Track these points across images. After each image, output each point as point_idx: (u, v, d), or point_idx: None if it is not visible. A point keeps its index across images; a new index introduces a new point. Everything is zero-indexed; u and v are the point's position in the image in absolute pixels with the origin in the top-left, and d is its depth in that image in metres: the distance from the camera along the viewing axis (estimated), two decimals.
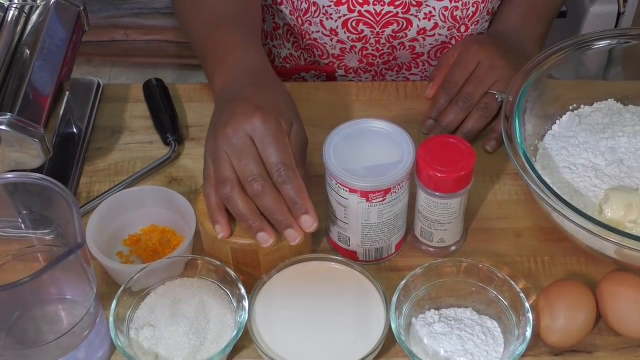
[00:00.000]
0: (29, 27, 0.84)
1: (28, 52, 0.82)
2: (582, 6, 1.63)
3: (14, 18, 0.84)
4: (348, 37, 0.96)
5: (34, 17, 0.84)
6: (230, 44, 0.81)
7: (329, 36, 0.96)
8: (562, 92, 0.87)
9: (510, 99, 0.81)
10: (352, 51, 0.97)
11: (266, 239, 0.71)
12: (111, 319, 0.70)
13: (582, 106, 0.88)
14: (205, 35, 0.84)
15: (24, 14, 0.84)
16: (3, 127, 0.74)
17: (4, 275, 0.70)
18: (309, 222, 0.71)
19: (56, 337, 0.68)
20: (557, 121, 0.87)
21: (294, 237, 0.71)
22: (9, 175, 0.69)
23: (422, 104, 0.94)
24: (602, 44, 0.86)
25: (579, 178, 0.81)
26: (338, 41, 0.97)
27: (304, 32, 0.97)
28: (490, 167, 0.88)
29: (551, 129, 0.87)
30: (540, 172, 0.76)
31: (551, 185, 0.75)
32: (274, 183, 0.71)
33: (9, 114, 0.74)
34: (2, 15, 0.83)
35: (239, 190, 0.71)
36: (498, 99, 0.89)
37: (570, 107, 0.88)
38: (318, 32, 0.96)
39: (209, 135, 0.75)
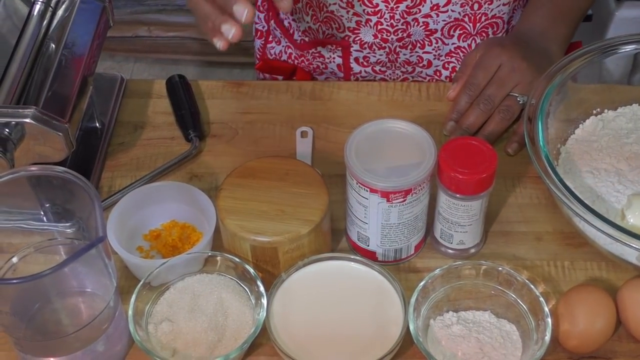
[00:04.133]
0: (55, 22, 0.84)
1: (53, 46, 0.83)
2: (608, 9, 1.62)
3: (40, 12, 0.84)
4: (363, 10, 0.96)
5: (60, 12, 0.85)
6: None
7: (345, 8, 0.97)
8: (585, 96, 0.87)
9: (533, 102, 0.80)
10: (367, 25, 0.98)
11: (228, 28, 0.73)
12: (130, 312, 0.71)
13: (606, 110, 0.87)
14: None
15: (50, 8, 0.85)
16: (28, 120, 0.74)
17: (26, 267, 0.70)
18: (240, 11, 0.72)
19: (75, 329, 0.68)
20: (580, 125, 0.86)
21: (227, 31, 0.73)
22: (33, 168, 0.69)
23: (443, 105, 0.93)
24: (628, 48, 0.86)
25: (602, 183, 0.80)
26: (354, 13, 0.97)
27: (321, 5, 0.98)
28: (511, 169, 0.87)
29: (574, 133, 0.86)
30: (562, 175, 0.75)
31: (573, 190, 0.74)
32: None
33: (34, 107, 0.75)
34: (29, 9, 0.84)
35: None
36: (519, 101, 0.89)
37: (594, 111, 0.87)
38: (335, 3, 0.97)
39: None
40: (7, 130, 0.74)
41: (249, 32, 1.16)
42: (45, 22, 0.84)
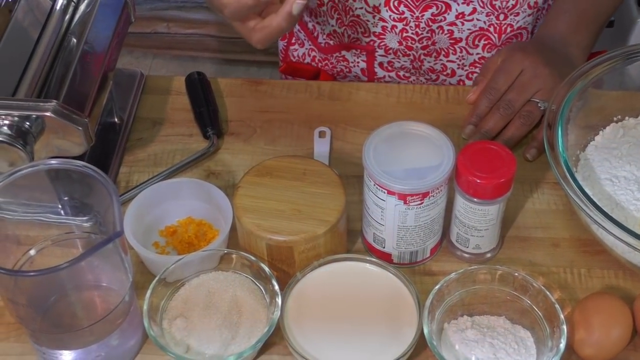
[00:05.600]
0: (77, 17, 0.85)
1: (75, 40, 0.83)
2: (630, 16, 1.61)
3: (63, 7, 0.85)
4: (390, 16, 0.96)
5: (82, 7, 0.85)
6: None
7: (371, 13, 0.97)
8: (606, 103, 0.86)
9: (554, 108, 0.80)
10: (393, 31, 0.98)
11: None
12: (145, 308, 0.71)
13: (627, 118, 0.87)
14: None
15: (72, 3, 0.85)
16: (48, 114, 0.75)
17: (43, 260, 0.71)
18: None
19: (90, 323, 0.68)
20: (600, 132, 0.86)
21: None
22: (52, 161, 0.69)
23: (462, 109, 0.93)
24: None
25: (621, 191, 0.80)
26: (380, 19, 0.97)
27: (347, 8, 0.98)
28: (530, 175, 0.87)
29: (594, 140, 0.86)
30: (581, 182, 0.75)
31: (592, 197, 0.74)
32: None
33: (54, 101, 0.75)
34: (51, 4, 0.85)
35: None
36: (540, 107, 0.89)
37: (615, 118, 0.87)
38: (361, 8, 0.97)
39: None
40: (27, 123, 0.75)
41: None
42: (67, 17, 0.84)
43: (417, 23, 0.96)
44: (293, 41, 1.11)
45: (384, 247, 0.78)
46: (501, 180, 0.73)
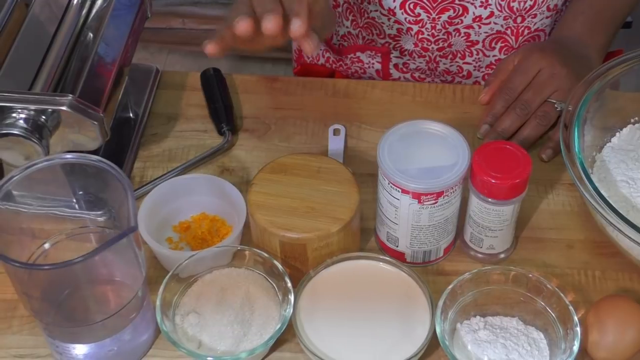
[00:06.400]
0: (94, 11, 0.85)
1: (91, 35, 0.83)
2: None
3: (79, 1, 0.85)
4: (405, 19, 0.96)
5: (99, 2, 0.86)
6: None
7: (386, 15, 0.96)
8: (624, 104, 0.85)
9: (570, 108, 0.79)
10: (409, 33, 0.97)
11: (269, 18, 0.68)
12: (158, 303, 0.71)
13: None
14: None
15: None
16: (64, 108, 0.75)
17: (57, 253, 0.71)
18: (297, 23, 0.68)
19: (103, 317, 0.69)
20: (617, 133, 0.85)
21: (267, 20, 0.67)
22: (68, 156, 0.70)
23: (478, 109, 0.93)
24: None
25: (637, 193, 0.79)
26: (395, 21, 0.97)
27: (362, 11, 0.98)
28: (545, 176, 0.87)
29: (610, 141, 0.85)
30: (596, 184, 0.74)
31: (607, 198, 0.73)
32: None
33: (70, 95, 0.75)
34: None
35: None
36: (557, 107, 0.88)
37: (632, 120, 0.86)
38: (376, 10, 0.96)
39: None
40: (43, 117, 0.75)
41: None
42: (84, 12, 0.85)
43: (433, 25, 0.96)
44: None
45: (397, 246, 0.78)
46: (516, 180, 0.72)
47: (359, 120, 0.92)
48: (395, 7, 0.95)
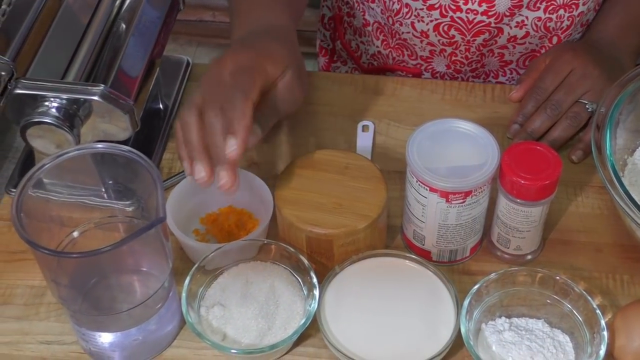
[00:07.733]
0: (127, 2, 0.85)
1: (124, 26, 0.84)
2: None
3: None
4: (438, 40, 0.95)
5: None
6: (259, 5, 0.83)
7: (419, 37, 0.95)
8: None
9: (603, 110, 0.78)
10: (442, 54, 0.96)
11: (200, 170, 0.68)
12: (183, 294, 0.71)
13: None
14: None
15: None
16: (95, 98, 0.75)
17: (85, 242, 0.72)
18: (232, 145, 0.67)
19: (129, 307, 0.69)
20: None
21: (198, 172, 0.68)
22: (98, 145, 0.70)
23: (508, 108, 0.92)
24: None
25: None
26: (428, 43, 0.96)
27: (394, 32, 0.97)
28: (574, 177, 0.86)
29: None
30: (627, 187, 0.74)
31: (638, 202, 0.72)
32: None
33: (102, 85, 0.76)
34: None
35: (196, 119, 0.69)
36: (588, 108, 0.87)
37: None
38: (408, 32, 0.95)
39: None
40: (75, 106, 0.76)
41: (313, 22, 1.15)
42: (117, 2, 0.85)
43: (467, 47, 0.95)
44: (335, 58, 1.10)
45: (423, 245, 0.78)
46: (546, 182, 0.72)
47: (388, 117, 0.92)
48: (428, 30, 0.94)
